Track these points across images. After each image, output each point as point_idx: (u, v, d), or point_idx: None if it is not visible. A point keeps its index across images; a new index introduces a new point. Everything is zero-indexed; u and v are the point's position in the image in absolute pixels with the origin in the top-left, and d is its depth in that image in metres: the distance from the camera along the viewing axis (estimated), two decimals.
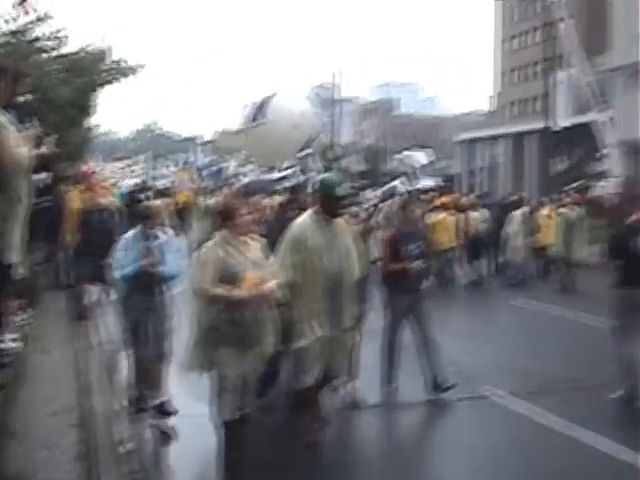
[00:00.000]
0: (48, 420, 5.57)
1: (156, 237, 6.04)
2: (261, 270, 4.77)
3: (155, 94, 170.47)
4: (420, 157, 27.81)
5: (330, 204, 5.44)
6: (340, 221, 5.62)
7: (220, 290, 4.61)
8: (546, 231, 14.93)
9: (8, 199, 4.32)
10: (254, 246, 4.90)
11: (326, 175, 6.31)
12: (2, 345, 4.77)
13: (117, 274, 5.92)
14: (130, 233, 6.07)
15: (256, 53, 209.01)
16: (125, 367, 7.26)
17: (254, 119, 12.22)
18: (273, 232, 5.98)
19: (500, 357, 8.56)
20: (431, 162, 27.76)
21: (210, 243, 4.85)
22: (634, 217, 6.73)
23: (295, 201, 8.82)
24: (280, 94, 12.38)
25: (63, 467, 4.70)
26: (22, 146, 4.37)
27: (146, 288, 5.87)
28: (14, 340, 5.00)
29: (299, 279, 5.26)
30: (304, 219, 5.50)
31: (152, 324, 5.91)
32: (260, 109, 12.12)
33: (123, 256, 5.86)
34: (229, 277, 4.65)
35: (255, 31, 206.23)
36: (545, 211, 15.79)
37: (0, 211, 4.26)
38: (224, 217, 4.85)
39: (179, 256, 6.09)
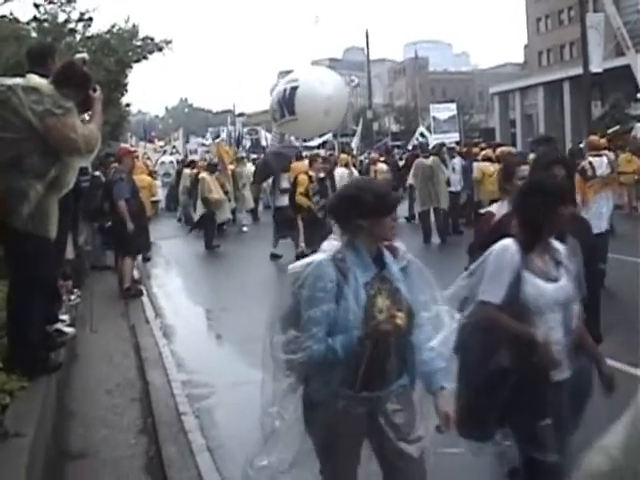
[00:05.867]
0: (104, 398, 5.58)
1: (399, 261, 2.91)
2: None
3: (184, 70, 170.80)
4: (439, 112, 27.53)
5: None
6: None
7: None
8: None
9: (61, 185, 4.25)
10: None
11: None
12: (58, 326, 4.76)
13: (314, 354, 2.71)
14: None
15: (282, 20, 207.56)
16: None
17: (282, 115, 12.16)
18: None
19: None
20: (451, 117, 27.36)
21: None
22: None
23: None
24: (301, 84, 12.09)
25: (123, 444, 4.71)
26: (89, 128, 4.27)
27: (375, 375, 2.77)
28: (69, 325, 5.00)
29: None
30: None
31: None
32: (286, 105, 12.00)
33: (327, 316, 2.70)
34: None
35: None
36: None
37: (51, 196, 4.19)
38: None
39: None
